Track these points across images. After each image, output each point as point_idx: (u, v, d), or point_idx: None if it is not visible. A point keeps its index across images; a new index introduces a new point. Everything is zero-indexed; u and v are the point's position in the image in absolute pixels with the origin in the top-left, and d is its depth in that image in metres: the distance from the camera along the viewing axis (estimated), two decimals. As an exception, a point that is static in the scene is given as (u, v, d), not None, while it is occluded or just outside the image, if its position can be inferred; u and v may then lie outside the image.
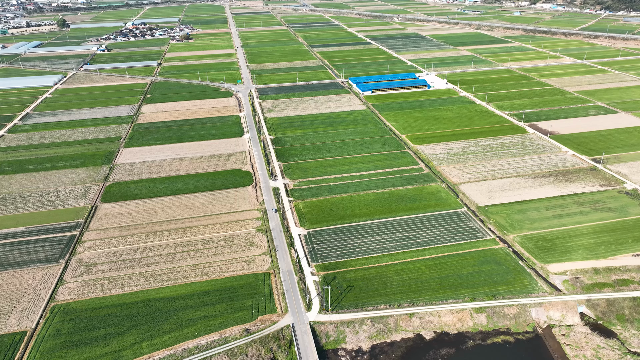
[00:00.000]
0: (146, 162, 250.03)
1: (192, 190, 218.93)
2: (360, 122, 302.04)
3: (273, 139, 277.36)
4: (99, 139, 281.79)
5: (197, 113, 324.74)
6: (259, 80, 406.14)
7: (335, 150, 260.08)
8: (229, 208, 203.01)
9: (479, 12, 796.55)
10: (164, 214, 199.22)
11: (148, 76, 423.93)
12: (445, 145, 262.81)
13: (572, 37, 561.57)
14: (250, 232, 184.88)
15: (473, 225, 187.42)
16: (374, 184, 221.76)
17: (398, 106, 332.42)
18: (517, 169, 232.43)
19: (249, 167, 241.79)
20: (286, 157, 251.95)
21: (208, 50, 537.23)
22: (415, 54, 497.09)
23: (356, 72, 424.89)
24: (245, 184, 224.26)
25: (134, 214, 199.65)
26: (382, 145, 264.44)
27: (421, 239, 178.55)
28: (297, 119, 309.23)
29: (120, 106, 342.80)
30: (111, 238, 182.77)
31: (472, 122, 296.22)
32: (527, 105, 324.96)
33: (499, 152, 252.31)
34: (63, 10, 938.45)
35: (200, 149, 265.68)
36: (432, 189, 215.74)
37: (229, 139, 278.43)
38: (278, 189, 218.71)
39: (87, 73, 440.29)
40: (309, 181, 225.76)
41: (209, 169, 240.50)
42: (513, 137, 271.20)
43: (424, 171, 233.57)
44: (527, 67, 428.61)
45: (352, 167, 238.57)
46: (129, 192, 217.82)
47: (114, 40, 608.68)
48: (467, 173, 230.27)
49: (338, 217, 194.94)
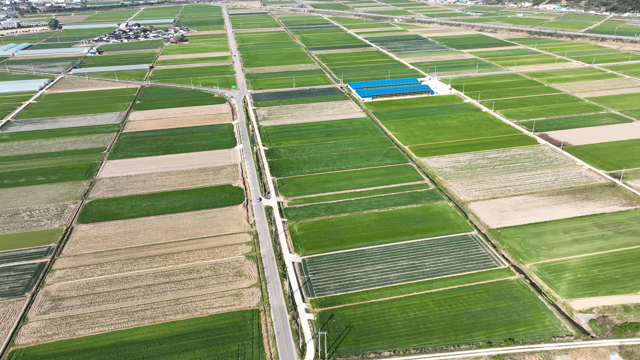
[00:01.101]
0: (130, 176, 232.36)
1: (177, 209, 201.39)
2: (360, 131, 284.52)
3: (267, 150, 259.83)
4: (81, 150, 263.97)
5: (188, 121, 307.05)
6: (254, 85, 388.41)
7: (334, 163, 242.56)
8: (217, 230, 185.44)
9: (481, 13, 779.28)
10: (146, 237, 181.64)
11: (139, 80, 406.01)
12: (451, 158, 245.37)
13: (578, 40, 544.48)
14: (239, 260, 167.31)
15: (485, 251, 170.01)
16: (376, 202, 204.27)
17: (400, 114, 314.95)
18: (530, 185, 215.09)
19: (240, 182, 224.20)
20: (280, 171, 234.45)
21: (203, 53, 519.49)
22: (416, 57, 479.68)
23: (356, 76, 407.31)
24: (236, 202, 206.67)
25: (112, 237, 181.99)
26: (383, 158, 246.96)
27: (428, 268, 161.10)
28: (293, 128, 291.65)
29: (107, 113, 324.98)
30: (85, 266, 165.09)
31: (479, 132, 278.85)
32: (536, 113, 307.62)
33: (509, 165, 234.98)
34: (56, 10, 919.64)
35: (188, 161, 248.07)
36: (439, 209, 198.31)
37: (220, 150, 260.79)
38: (271, 208, 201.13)
39: (75, 77, 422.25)
40: (304, 199, 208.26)
41: (197, 184, 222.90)
42: (523, 149, 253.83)
43: (429, 187, 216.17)
44: (534, 72, 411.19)
45: (352, 183, 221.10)
46: (109, 212, 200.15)
47: (106, 42, 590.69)
48: (476, 190, 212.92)
49: (336, 241, 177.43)
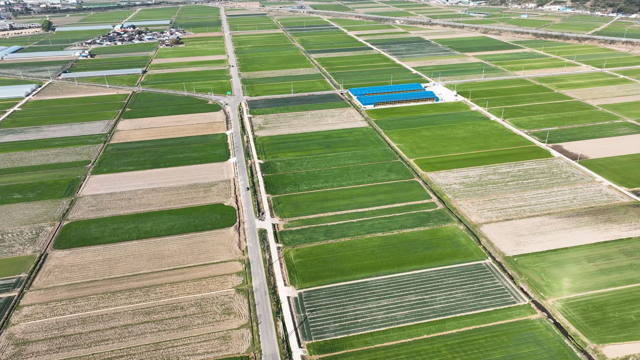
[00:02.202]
0: (114, 193, 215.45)
1: (163, 232, 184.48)
2: (362, 142, 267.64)
3: (262, 163, 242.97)
4: (64, 164, 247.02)
5: (179, 131, 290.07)
6: (251, 91, 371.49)
7: (334, 178, 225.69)
8: (205, 258, 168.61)
9: (484, 15, 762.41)
10: (126, 266, 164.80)
11: (130, 86, 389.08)
12: (459, 173, 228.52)
13: (586, 42, 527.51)
14: (229, 294, 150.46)
15: (501, 284, 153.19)
16: (379, 224, 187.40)
17: (404, 123, 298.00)
18: (547, 205, 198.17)
19: (233, 200, 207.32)
20: (276, 188, 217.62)
21: (198, 56, 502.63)
22: (419, 60, 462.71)
23: (356, 81, 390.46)
24: (227, 224, 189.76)
25: (89, 266, 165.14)
26: (387, 173, 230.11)
27: (439, 305, 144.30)
28: (290, 139, 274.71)
29: (95, 122, 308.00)
30: (56, 302, 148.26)
31: (488, 143, 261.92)
32: (547, 122, 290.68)
33: (523, 182, 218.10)
34: (51, 12, 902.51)
35: (178, 176, 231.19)
36: (449, 232, 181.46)
37: (212, 164, 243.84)
38: (265, 231, 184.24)
39: (64, 82, 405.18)
40: (302, 220, 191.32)
41: (185, 203, 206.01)
42: (537, 163, 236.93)
43: (437, 207, 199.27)
44: (542, 77, 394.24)
45: (353, 202, 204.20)
46: (88, 235, 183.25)
47: (100, 45, 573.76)
48: (488, 210, 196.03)
49: (336, 271, 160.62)
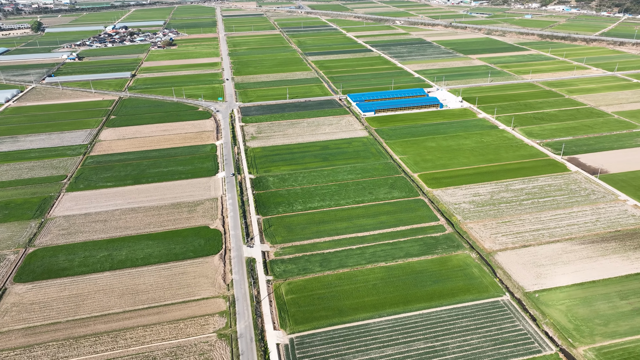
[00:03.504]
0: (89, 214, 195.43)
1: (139, 261, 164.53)
2: (362, 154, 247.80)
3: (253, 179, 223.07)
4: (37, 179, 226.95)
5: (165, 141, 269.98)
6: (244, 96, 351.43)
7: (331, 196, 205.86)
8: (185, 294, 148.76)
9: (487, 15, 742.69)
10: (95, 304, 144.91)
11: (117, 91, 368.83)
12: (469, 190, 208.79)
13: (594, 44, 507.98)
14: (209, 340, 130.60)
15: (523, 327, 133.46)
16: (382, 252, 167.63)
17: (406, 132, 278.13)
18: (567, 228, 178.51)
19: (219, 222, 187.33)
20: (268, 208, 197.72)
21: (191, 59, 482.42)
22: (421, 63, 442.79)
23: (356, 86, 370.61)
24: (212, 251, 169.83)
25: (53, 304, 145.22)
26: (389, 190, 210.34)
27: (452, 355, 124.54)
28: (284, 150, 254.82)
29: (76, 131, 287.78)
30: (9, 351, 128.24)
31: (498, 155, 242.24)
32: (560, 132, 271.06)
33: (539, 200, 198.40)
34: (43, 12, 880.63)
35: (161, 194, 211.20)
36: (460, 261, 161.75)
37: (199, 180, 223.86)
38: (254, 260, 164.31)
39: (48, 87, 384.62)
40: (295, 247, 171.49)
41: (167, 226, 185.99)
42: (553, 178, 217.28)
43: (446, 231, 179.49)
44: (551, 81, 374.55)
45: (353, 225, 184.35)
46: (54, 265, 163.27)
47: (89, 47, 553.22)
48: (502, 234, 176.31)
49: (334, 310, 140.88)
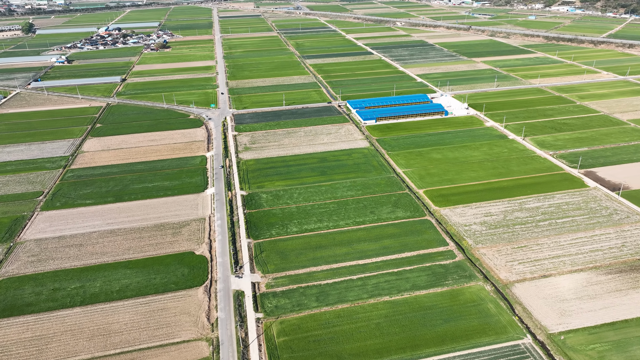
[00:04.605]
0: (63, 237, 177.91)
1: (114, 295, 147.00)
2: (363, 167, 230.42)
3: (245, 196, 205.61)
4: (11, 196, 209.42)
5: (153, 152, 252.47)
6: (238, 103, 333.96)
7: (329, 216, 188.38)
8: (163, 335, 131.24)
9: (490, 16, 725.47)
10: (60, 349, 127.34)
11: (105, 97, 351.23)
12: (479, 209, 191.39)
13: (602, 46, 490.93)
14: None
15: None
16: (386, 283, 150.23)
17: (410, 142, 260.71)
18: (590, 255, 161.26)
19: (206, 247, 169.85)
20: (260, 230, 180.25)
21: (184, 62, 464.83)
22: (424, 67, 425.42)
23: (355, 91, 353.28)
24: (196, 282, 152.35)
25: (12, 349, 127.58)
26: (392, 209, 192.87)
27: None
28: (279, 162, 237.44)
29: (58, 141, 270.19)
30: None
31: (509, 169, 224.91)
32: (574, 142, 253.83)
33: (557, 221, 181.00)
34: (36, 13, 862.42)
35: (144, 213, 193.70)
36: (473, 295, 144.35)
37: (186, 197, 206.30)
38: (242, 294, 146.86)
39: (33, 92, 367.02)
40: (289, 277, 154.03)
41: (148, 251, 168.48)
42: (570, 195, 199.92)
43: (456, 258, 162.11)
44: (561, 86, 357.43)
45: (353, 250, 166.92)
46: (19, 300, 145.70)
47: (80, 49, 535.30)
48: (519, 261, 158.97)
49: (332, 357, 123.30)
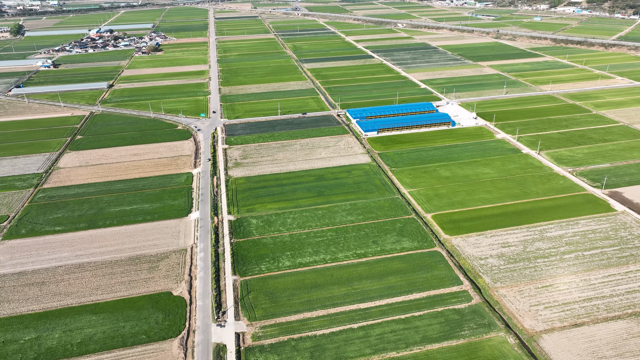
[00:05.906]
0: (24, 273, 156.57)
1: (74, 350, 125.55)
2: (364, 187, 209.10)
3: (233, 221, 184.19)
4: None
5: (134, 169, 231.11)
6: (230, 111, 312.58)
7: (326, 247, 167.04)
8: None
9: (494, 17, 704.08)
10: None
11: (90, 105, 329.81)
12: (495, 238, 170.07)
13: (613, 49, 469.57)
14: None
15: None
16: (392, 334, 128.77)
17: (415, 157, 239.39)
18: (627, 297, 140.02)
19: (185, 286, 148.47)
20: (248, 264, 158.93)
21: (176, 67, 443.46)
22: (428, 71, 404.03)
23: (356, 99, 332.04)
24: (171, 333, 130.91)
25: None
26: (398, 237, 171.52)
27: None
28: (272, 181, 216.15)
29: (33, 155, 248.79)
30: None
31: (525, 189, 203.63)
32: (594, 157, 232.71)
33: (584, 254, 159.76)
34: (27, 14, 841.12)
35: (118, 242, 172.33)
36: (494, 350, 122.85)
37: (167, 222, 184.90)
38: (224, 348, 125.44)
39: (12, 100, 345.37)
40: (280, 326, 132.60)
41: (119, 291, 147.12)
42: (596, 221, 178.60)
43: (472, 300, 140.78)
44: (574, 93, 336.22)
45: (353, 290, 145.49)
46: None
47: (69, 53, 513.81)
48: (545, 305, 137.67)
49: None
